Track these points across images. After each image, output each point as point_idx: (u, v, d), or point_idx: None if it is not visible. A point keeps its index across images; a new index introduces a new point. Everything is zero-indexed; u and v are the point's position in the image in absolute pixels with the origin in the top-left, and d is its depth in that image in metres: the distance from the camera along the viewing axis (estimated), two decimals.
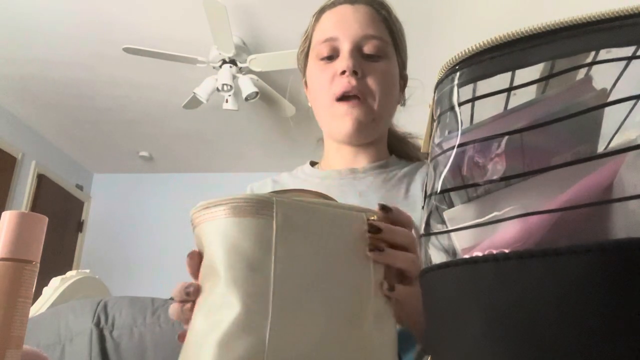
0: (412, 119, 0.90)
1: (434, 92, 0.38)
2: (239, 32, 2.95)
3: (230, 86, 2.94)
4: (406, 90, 0.87)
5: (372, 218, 0.43)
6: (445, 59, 0.35)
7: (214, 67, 3.02)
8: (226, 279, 0.38)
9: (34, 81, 3.55)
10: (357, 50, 0.76)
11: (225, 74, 2.93)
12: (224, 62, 2.95)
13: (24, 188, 4.22)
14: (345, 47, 0.75)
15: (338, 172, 0.81)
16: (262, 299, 0.37)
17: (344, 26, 0.76)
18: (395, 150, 0.88)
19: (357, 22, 0.76)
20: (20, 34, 3.03)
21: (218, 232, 0.39)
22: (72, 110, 3.97)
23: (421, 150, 0.38)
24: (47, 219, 0.42)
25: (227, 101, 3.05)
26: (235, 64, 2.97)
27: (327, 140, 0.86)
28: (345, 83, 0.74)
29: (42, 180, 4.38)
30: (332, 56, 0.77)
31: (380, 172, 0.79)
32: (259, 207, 0.39)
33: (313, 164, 0.90)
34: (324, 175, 0.82)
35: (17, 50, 3.18)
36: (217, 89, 2.97)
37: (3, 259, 0.38)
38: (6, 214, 0.40)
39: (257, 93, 3.00)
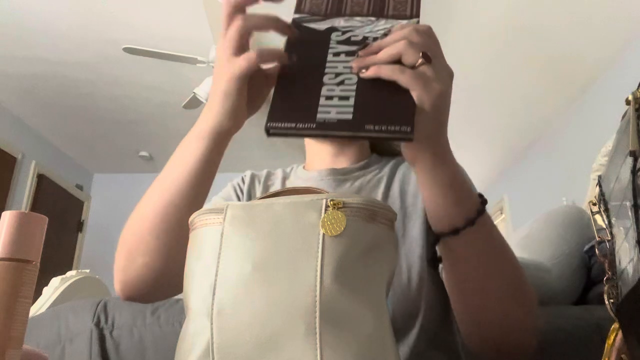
0: None
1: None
2: None
3: None
4: None
5: (334, 201, 0.41)
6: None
7: (214, 67, 3.01)
8: (190, 291, 0.42)
9: (35, 81, 3.55)
10: None
11: None
12: None
13: (24, 188, 4.22)
14: None
15: (319, 173, 0.82)
16: (206, 302, 0.39)
17: None
18: (376, 148, 0.89)
19: None
20: (21, 34, 3.02)
21: (188, 247, 0.45)
22: (72, 110, 3.97)
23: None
24: (47, 219, 0.42)
25: None
26: None
27: (308, 143, 0.89)
28: None
29: (42, 180, 4.38)
30: None
31: (359, 175, 0.80)
32: (212, 216, 0.42)
33: None
34: (306, 177, 0.83)
35: (18, 49, 3.18)
36: None
37: (3, 259, 0.38)
38: (6, 214, 0.40)
39: None
